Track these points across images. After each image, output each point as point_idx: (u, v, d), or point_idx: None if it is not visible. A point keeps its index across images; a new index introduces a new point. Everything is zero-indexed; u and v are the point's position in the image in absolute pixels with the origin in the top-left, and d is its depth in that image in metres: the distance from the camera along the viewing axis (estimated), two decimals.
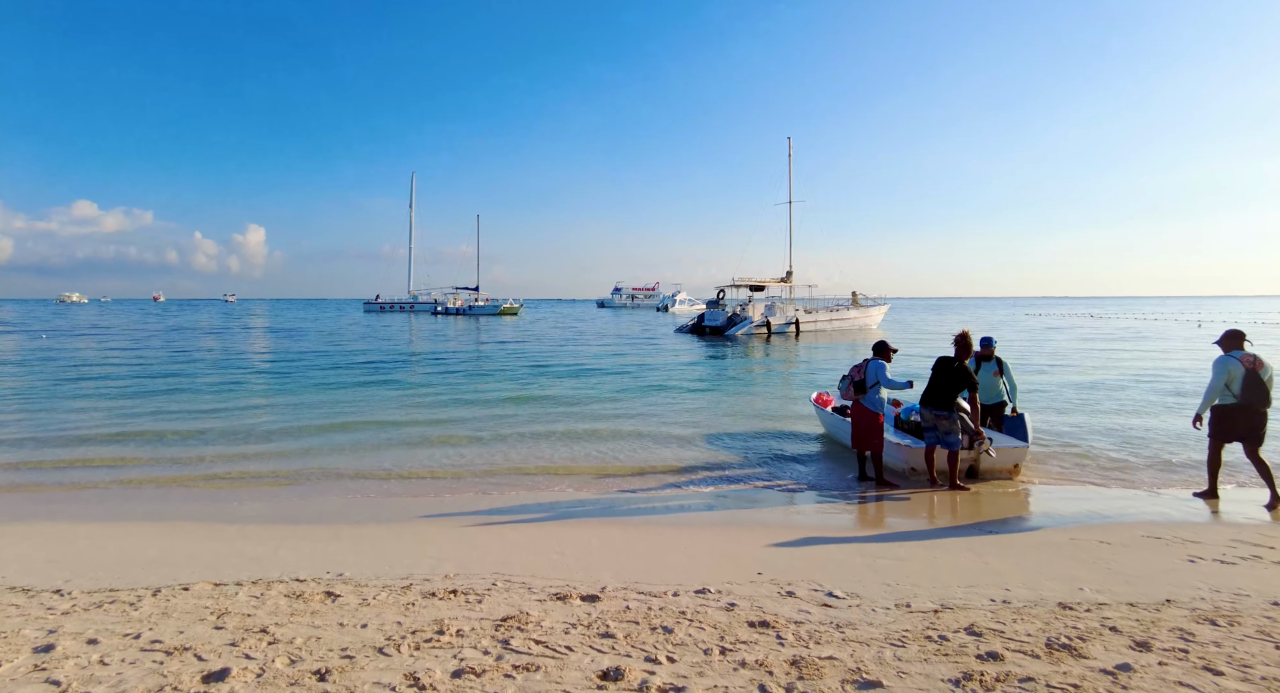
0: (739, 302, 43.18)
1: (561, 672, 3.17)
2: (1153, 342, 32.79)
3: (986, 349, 9.04)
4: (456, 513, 6.97)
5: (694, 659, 3.33)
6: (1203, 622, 3.78)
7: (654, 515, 6.96)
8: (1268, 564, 5.01)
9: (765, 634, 3.68)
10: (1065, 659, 3.31)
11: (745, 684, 3.07)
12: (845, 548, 5.70)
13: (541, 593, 4.39)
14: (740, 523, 6.68)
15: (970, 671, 3.17)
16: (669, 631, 3.69)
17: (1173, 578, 4.72)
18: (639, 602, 4.21)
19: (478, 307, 79.30)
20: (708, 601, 4.27)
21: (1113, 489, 7.83)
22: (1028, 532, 6.21)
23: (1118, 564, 5.11)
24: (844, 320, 44.33)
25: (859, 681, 3.09)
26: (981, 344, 9.01)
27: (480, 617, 3.90)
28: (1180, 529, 6.03)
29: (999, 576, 4.85)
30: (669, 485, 8.15)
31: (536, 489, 8.03)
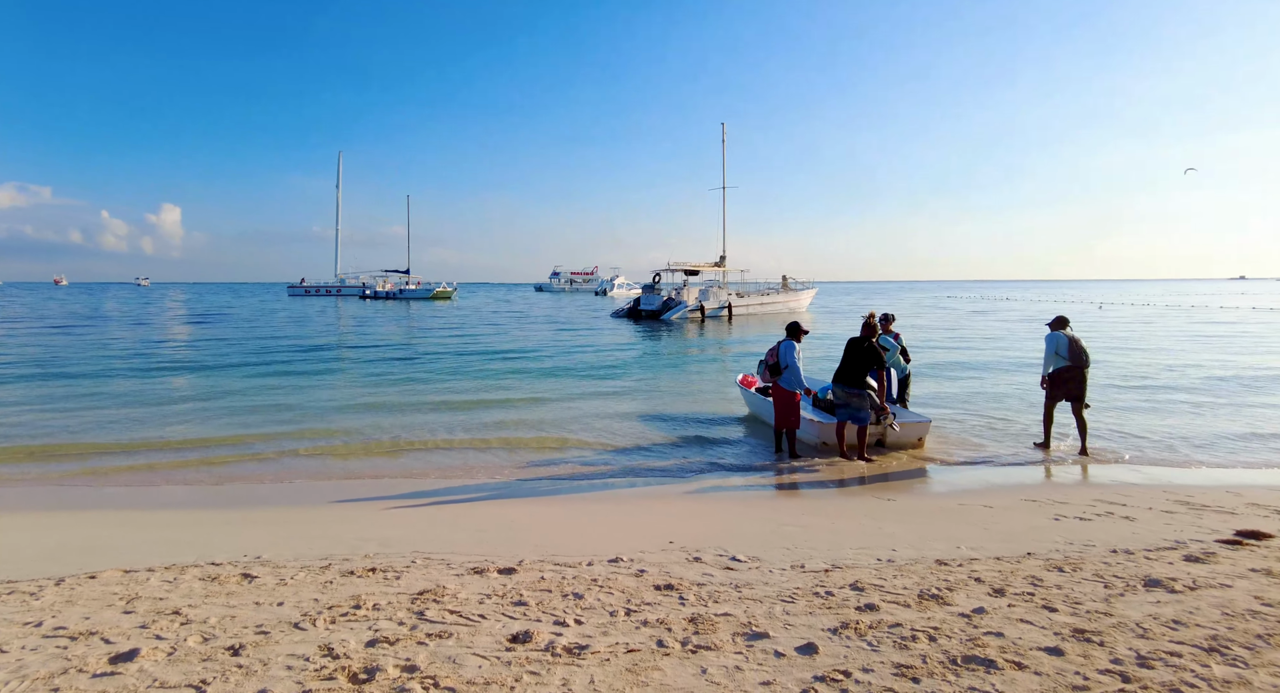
0: (674, 286, 43.68)
1: (473, 638, 3.35)
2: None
3: (884, 324, 9.63)
4: (380, 496, 7.02)
5: (600, 621, 3.57)
6: (1052, 570, 4.27)
7: (579, 493, 7.19)
8: (1117, 519, 5.63)
9: (669, 596, 3.95)
10: (932, 607, 3.70)
11: (645, 640, 3.32)
12: (755, 517, 6.06)
13: (460, 568, 4.55)
14: (660, 497, 6.98)
15: (848, 620, 3.51)
16: (579, 597, 3.92)
17: (1037, 535, 5.26)
18: (554, 572, 4.42)
19: (409, 290, 77.40)
20: (619, 568, 4.52)
21: (1004, 458, 8.49)
22: (922, 499, 6.74)
23: (995, 525, 5.63)
24: (774, 304, 45.46)
25: (748, 633, 3.38)
26: (881, 320, 9.61)
27: (398, 592, 4.03)
28: (1053, 491, 6.67)
29: (890, 538, 5.29)
30: (597, 464, 8.38)
31: (463, 472, 8.12)
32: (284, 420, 10.98)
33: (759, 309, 43.93)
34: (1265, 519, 5.58)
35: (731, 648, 3.19)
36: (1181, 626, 3.34)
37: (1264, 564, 4.27)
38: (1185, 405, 11.86)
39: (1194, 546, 4.80)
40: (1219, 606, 3.57)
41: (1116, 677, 2.83)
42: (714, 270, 45.79)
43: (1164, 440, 9.26)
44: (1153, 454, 8.58)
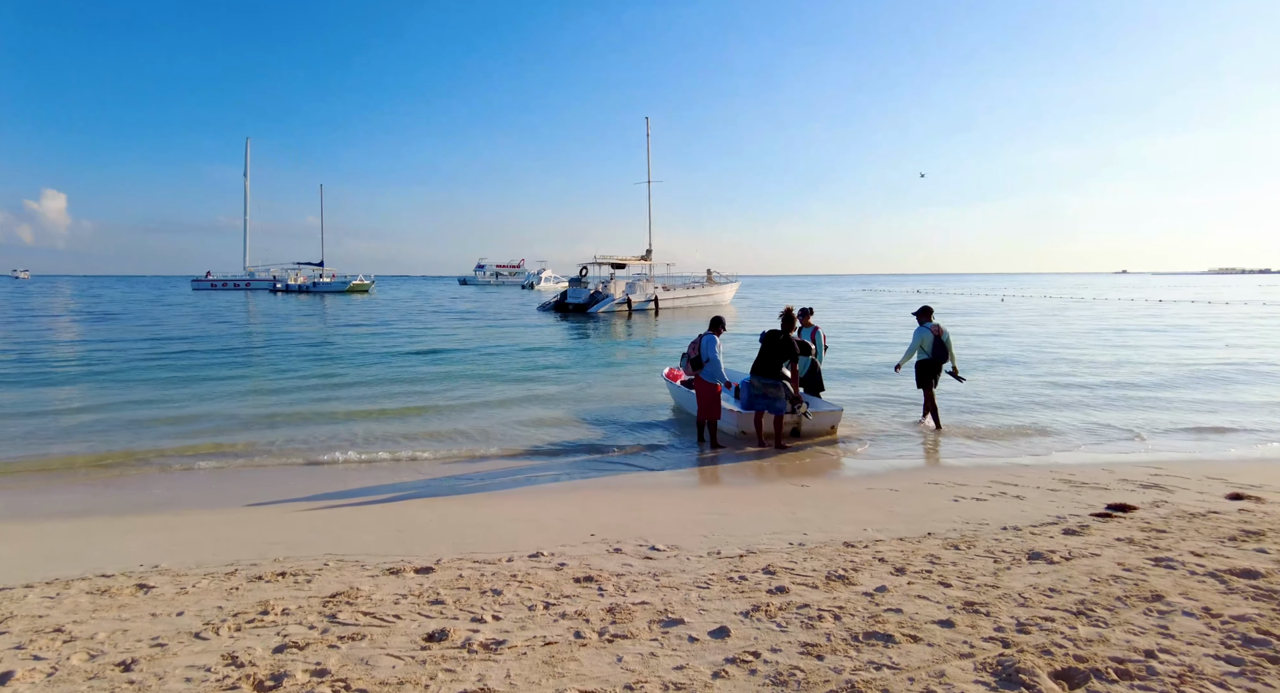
0: (602, 279, 43.67)
1: (388, 638, 3.30)
2: (962, 315, 37.06)
3: (803, 318, 9.97)
4: (293, 498, 6.76)
5: (518, 616, 3.58)
6: (949, 548, 4.57)
7: (500, 490, 7.13)
8: (1009, 499, 6.07)
9: (588, 588, 4.00)
10: (838, 587, 3.89)
11: (563, 632, 3.35)
12: (675, 506, 6.19)
13: (375, 569, 4.45)
14: (583, 490, 7.02)
15: (760, 603, 3.65)
16: (498, 593, 3.91)
17: (937, 515, 5.61)
18: (473, 570, 4.39)
19: (323, 283, 74.20)
20: (540, 563, 4.53)
21: (911, 443, 8.96)
22: (833, 484, 7.04)
23: (900, 507, 5.96)
24: (699, 297, 46.14)
25: (664, 620, 3.47)
26: (801, 314, 9.95)
27: (309, 595, 3.91)
28: (953, 474, 7.11)
29: (802, 522, 5.51)
30: (520, 460, 8.34)
31: (381, 471, 7.91)
32: (186, 433, 10.32)
33: (685, 303, 44.48)
34: (1132, 493, 6.13)
35: (647, 635, 3.27)
36: (1056, 593, 3.65)
37: (1128, 534, 4.70)
38: (1079, 390, 12.82)
39: (1072, 520, 5.24)
40: (1088, 573, 3.91)
41: (998, 643, 3.06)
42: (641, 264, 46.06)
43: (1057, 423, 9.99)
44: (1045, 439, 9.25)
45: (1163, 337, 24.21)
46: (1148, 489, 6.32)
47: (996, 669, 2.80)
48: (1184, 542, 4.51)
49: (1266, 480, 6.58)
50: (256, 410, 11.35)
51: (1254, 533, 4.63)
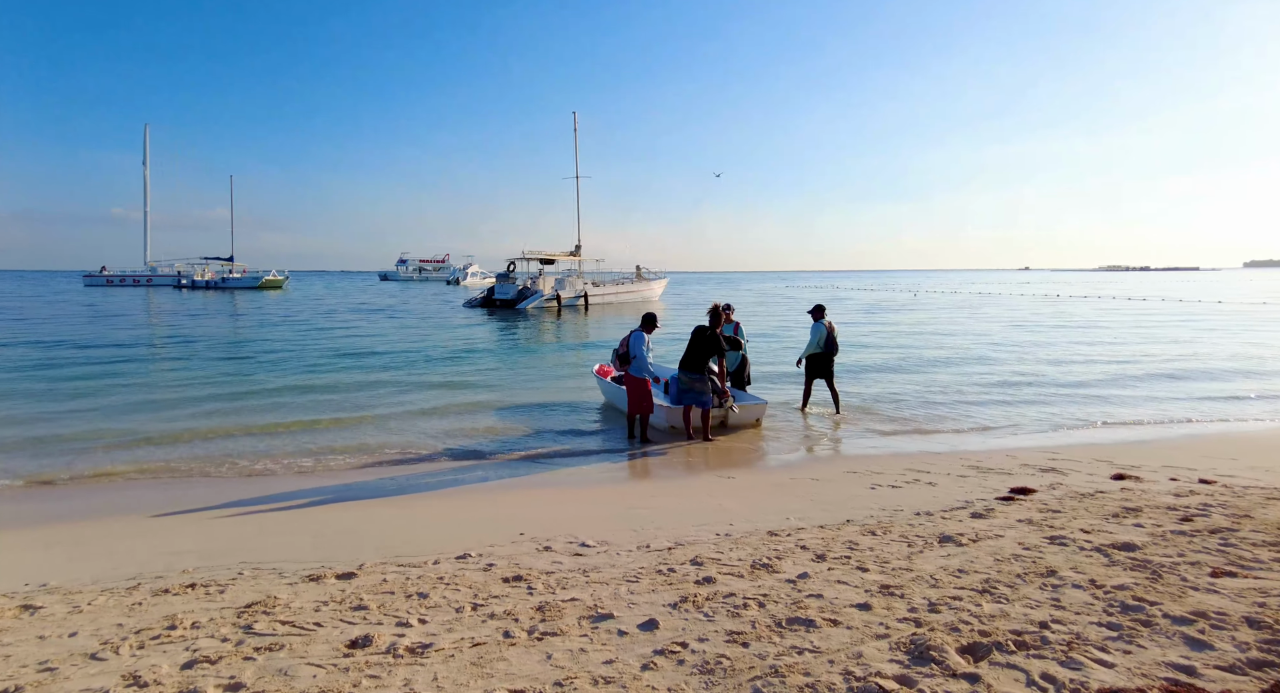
0: (530, 275, 43.19)
1: (308, 647, 3.18)
2: (880, 311, 38.65)
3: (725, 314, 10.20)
4: (205, 507, 6.40)
5: (445, 618, 3.52)
6: (866, 534, 4.78)
7: (427, 491, 6.97)
8: (922, 485, 6.40)
9: (518, 587, 3.97)
10: (763, 575, 4.01)
11: (492, 632, 3.32)
12: (605, 502, 6.22)
13: (294, 576, 4.29)
14: (512, 489, 6.95)
15: (687, 594, 3.72)
16: (424, 596, 3.83)
17: (856, 502, 5.85)
18: (397, 573, 4.29)
19: (233, 279, 70.24)
20: (467, 564, 4.47)
21: (832, 434, 9.30)
22: (758, 475, 7.23)
23: (820, 495, 6.18)
24: (629, 293, 46.30)
25: (594, 615, 3.49)
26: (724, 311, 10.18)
27: (222, 607, 3.73)
28: (870, 463, 7.43)
29: (728, 513, 5.65)
30: (446, 459, 8.17)
31: (299, 475, 7.60)
32: (80, 446, 9.65)
33: (614, 298, 44.54)
34: (1032, 477, 6.58)
35: (577, 631, 3.28)
36: (964, 573, 3.88)
37: (1028, 515, 5.04)
38: (994, 381, 13.60)
39: (979, 504, 5.57)
40: (993, 553, 4.18)
41: (911, 623, 3.23)
42: (570, 259, 45.80)
43: (970, 412, 10.58)
44: (957, 427, 9.78)
45: (1066, 332, 25.97)
46: (1046, 473, 6.79)
47: (909, 648, 2.95)
48: (1075, 520, 4.87)
49: (1144, 461, 7.18)
50: (160, 414, 10.67)
51: (1133, 509, 5.06)
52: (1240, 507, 5.06)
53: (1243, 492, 5.61)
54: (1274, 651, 2.82)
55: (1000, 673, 2.73)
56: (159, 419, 10.27)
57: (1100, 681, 2.64)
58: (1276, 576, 3.65)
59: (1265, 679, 2.60)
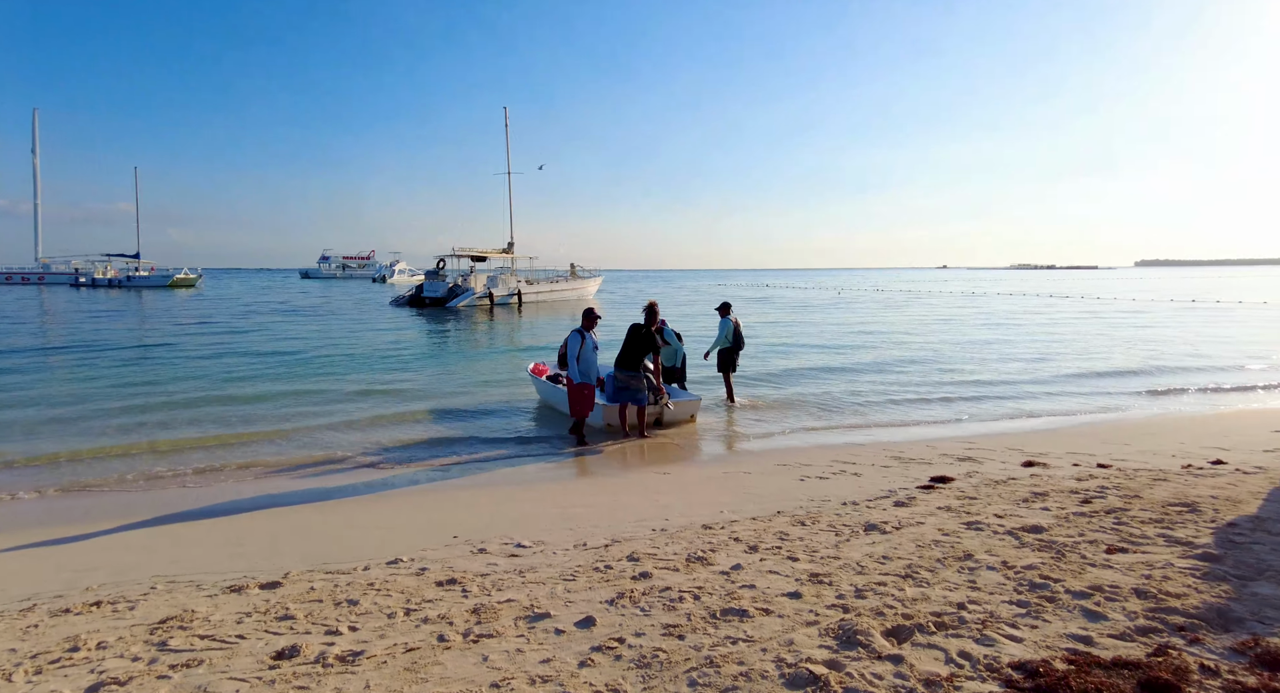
0: (461, 272, 42.34)
1: (230, 661, 3.05)
2: (803, 309, 39.78)
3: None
4: (113, 519, 6.01)
5: (377, 625, 3.44)
6: (796, 524, 4.93)
7: (357, 497, 6.76)
8: (848, 476, 6.64)
9: (452, 591, 3.91)
10: (697, 568, 4.09)
11: (426, 637, 3.26)
12: (541, 502, 6.18)
13: (214, 588, 4.09)
14: (445, 492, 6.82)
15: (624, 590, 3.76)
16: (354, 603, 3.73)
17: (786, 494, 6.03)
18: (325, 581, 4.15)
19: (139, 278, 65.91)
20: (399, 569, 4.37)
21: (764, 428, 9.52)
22: (693, 470, 7.34)
23: (753, 488, 6.33)
24: (563, 291, 46.03)
25: (531, 615, 3.48)
26: None
27: (132, 624, 3.52)
28: (800, 456, 7.65)
29: (664, 508, 5.71)
30: (377, 465, 7.93)
31: (221, 484, 7.23)
32: None
33: (549, 296, 44.18)
34: (951, 466, 6.93)
35: (514, 632, 3.26)
36: (889, 560, 4.06)
37: (946, 502, 5.32)
38: (912, 373, 14.19)
39: (901, 493, 5.83)
40: (914, 540, 4.38)
41: (839, 609, 3.36)
42: (502, 257, 45.13)
43: (891, 405, 11.02)
44: (878, 417, 10.19)
45: (984, 328, 27.37)
46: (963, 462, 7.16)
47: (838, 633, 3.07)
48: (989, 506, 5.16)
49: (1051, 448, 7.67)
50: (63, 429, 9.94)
51: (1041, 494, 5.40)
52: (1131, 488, 5.48)
53: (1134, 474, 6.07)
54: (1158, 618, 3.07)
55: (921, 653, 2.87)
56: (61, 436, 9.57)
57: (1010, 655, 2.81)
58: (1160, 549, 3.97)
59: (1150, 644, 2.84)
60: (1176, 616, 3.11)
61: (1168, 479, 5.78)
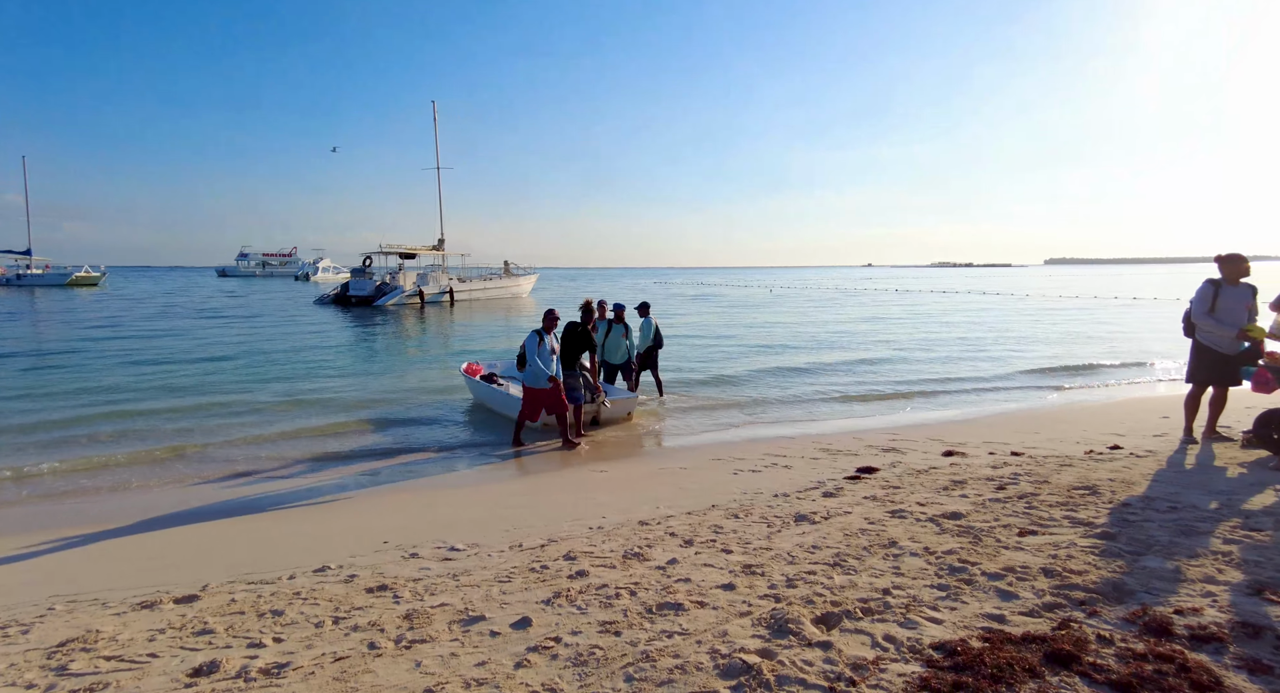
0: (389, 270, 41.16)
1: (140, 681, 2.88)
2: (740, 308, 40.52)
3: (618, 313, 10.29)
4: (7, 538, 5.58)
5: (304, 635, 3.32)
6: (730, 517, 5.03)
7: (281, 505, 6.49)
8: (780, 469, 6.82)
9: (383, 597, 3.81)
10: (634, 564, 4.11)
11: (356, 645, 3.17)
12: (475, 504, 6.09)
13: (121, 606, 3.85)
14: (375, 497, 6.63)
15: (561, 589, 3.74)
16: (279, 613, 3.59)
17: (720, 488, 6.14)
18: (248, 592, 3.97)
19: (32, 276, 61.22)
20: (327, 577, 4.23)
21: (700, 424, 9.65)
22: (630, 467, 7.38)
23: (688, 483, 6.42)
24: (497, 289, 45.36)
25: (465, 618, 3.42)
26: (615, 309, 10.27)
27: (26, 649, 3.28)
28: (734, 450, 7.81)
29: (601, 506, 5.72)
30: (302, 471, 7.64)
31: (133, 496, 6.83)
32: None
33: (482, 295, 43.45)
34: (876, 456, 7.20)
35: (448, 636, 3.21)
36: (818, 549, 4.19)
37: (872, 492, 5.52)
38: (841, 368, 14.65)
39: (830, 484, 6.02)
40: (842, 529, 4.54)
41: (771, 599, 3.45)
42: (433, 254, 44.10)
43: (816, 397, 11.35)
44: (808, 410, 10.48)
45: (909, 323, 28.49)
46: (887, 452, 7.45)
47: (770, 622, 3.15)
48: (912, 495, 5.39)
49: (969, 438, 8.08)
50: None
51: (959, 482, 5.68)
52: (1041, 474, 5.82)
53: (1043, 461, 6.46)
54: (1062, 594, 3.29)
55: (849, 638, 2.98)
56: None
57: (932, 636, 2.95)
58: (1066, 530, 4.25)
59: (1055, 619, 3.04)
60: (1078, 591, 3.33)
61: (1072, 465, 6.17)
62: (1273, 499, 4.77)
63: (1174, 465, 5.97)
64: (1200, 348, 6.72)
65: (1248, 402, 7.76)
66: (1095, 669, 2.57)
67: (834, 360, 16.36)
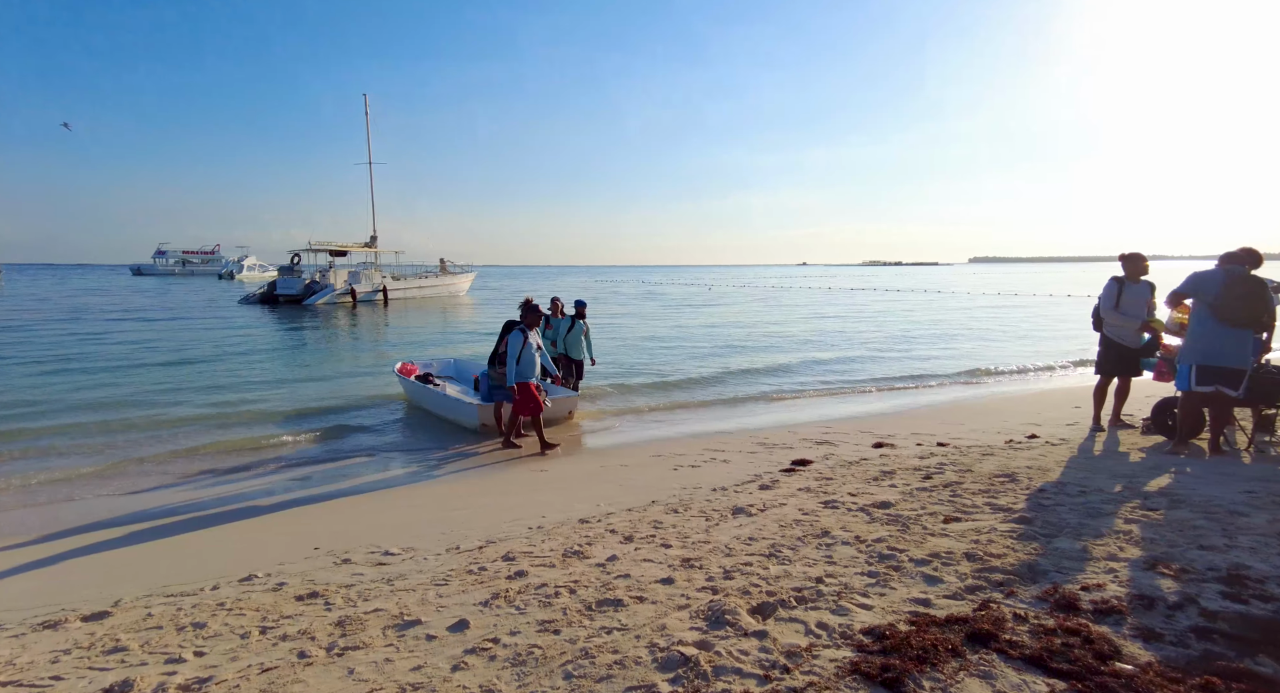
0: (319, 268, 39.75)
1: None
2: (683, 305, 40.89)
3: (579, 310, 10.21)
4: None
5: (228, 647, 3.18)
6: (670, 512, 5.08)
7: (205, 513, 6.19)
8: (719, 463, 6.93)
9: (313, 604, 3.69)
10: (574, 563, 4.11)
11: (285, 655, 3.06)
12: (411, 508, 5.96)
13: (20, 627, 3.60)
14: (306, 503, 6.40)
15: (499, 590, 3.70)
16: (201, 626, 3.43)
17: (660, 484, 6.19)
18: (166, 606, 3.78)
19: None
20: (254, 586, 4.07)
21: (641, 421, 9.70)
22: (571, 466, 7.35)
23: (629, 480, 6.45)
24: (433, 288, 44.40)
25: (400, 623, 3.35)
26: (576, 306, 10.18)
27: None
28: (674, 446, 7.89)
29: (541, 506, 5.69)
30: (230, 480, 7.30)
31: (36, 511, 6.37)
32: None
33: (417, 293, 42.44)
34: (810, 449, 7.40)
35: (382, 642, 3.13)
36: (754, 540, 4.27)
37: (806, 484, 5.67)
38: (779, 363, 14.96)
39: (766, 477, 6.15)
40: (777, 520, 4.64)
41: (709, 591, 3.50)
42: (365, 251, 42.80)
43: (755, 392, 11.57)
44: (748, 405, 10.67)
45: (844, 320, 29.31)
46: (821, 445, 7.66)
47: (707, 614, 3.20)
48: (844, 486, 5.56)
49: (897, 430, 8.39)
50: None
51: (889, 472, 5.89)
52: (965, 463, 6.10)
53: (967, 451, 6.76)
54: (982, 577, 3.46)
55: (784, 627, 3.05)
56: None
57: (862, 622, 3.06)
58: (987, 516, 4.47)
59: (976, 601, 3.19)
60: (997, 573, 3.51)
61: (994, 454, 6.48)
62: (1168, 481, 5.14)
63: (1084, 452, 6.35)
64: (1107, 341, 7.17)
65: (1149, 391, 8.32)
66: (1011, 646, 2.71)
67: (774, 357, 16.70)
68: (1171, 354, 6.69)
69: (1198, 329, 5.78)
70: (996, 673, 2.54)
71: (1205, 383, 5.73)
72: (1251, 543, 3.73)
